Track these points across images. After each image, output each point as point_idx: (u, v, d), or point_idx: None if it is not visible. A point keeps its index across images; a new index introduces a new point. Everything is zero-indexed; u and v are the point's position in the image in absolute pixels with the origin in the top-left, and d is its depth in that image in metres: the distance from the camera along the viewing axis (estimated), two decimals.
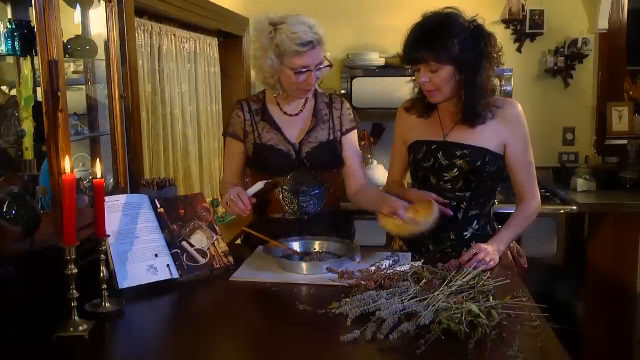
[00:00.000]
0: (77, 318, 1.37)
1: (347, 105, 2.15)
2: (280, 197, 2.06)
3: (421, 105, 1.95)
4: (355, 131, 2.15)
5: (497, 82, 1.90)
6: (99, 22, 2.09)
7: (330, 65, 2.01)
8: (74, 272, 1.36)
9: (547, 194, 3.29)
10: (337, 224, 2.14)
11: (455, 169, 1.87)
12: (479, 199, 1.92)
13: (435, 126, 1.94)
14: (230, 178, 2.11)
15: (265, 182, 1.96)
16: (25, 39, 1.79)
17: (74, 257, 1.36)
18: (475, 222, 1.92)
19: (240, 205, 1.85)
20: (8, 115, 1.80)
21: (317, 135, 2.06)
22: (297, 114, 2.08)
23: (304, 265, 1.74)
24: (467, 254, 1.71)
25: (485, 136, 1.86)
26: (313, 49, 1.90)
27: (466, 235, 1.88)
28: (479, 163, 1.85)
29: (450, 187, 1.90)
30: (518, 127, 1.88)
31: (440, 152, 1.89)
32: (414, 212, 1.79)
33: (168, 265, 1.67)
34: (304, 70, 1.91)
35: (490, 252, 1.73)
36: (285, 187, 2.05)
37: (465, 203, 1.91)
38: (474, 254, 1.70)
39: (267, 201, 2.06)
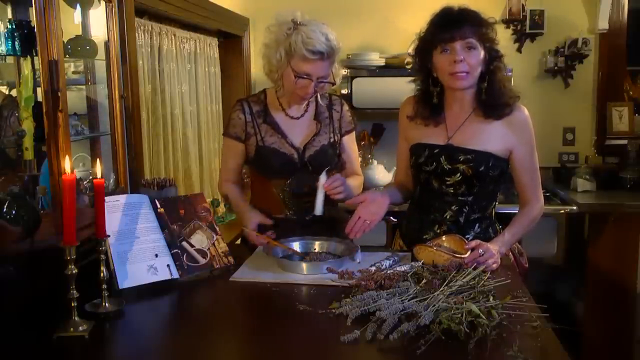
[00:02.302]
0: (77, 318, 1.36)
1: (346, 106, 2.17)
2: (282, 198, 2.06)
3: (426, 109, 1.91)
4: (354, 133, 2.18)
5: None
6: (99, 22, 2.09)
7: (333, 83, 2.02)
8: (74, 272, 1.36)
9: (547, 194, 3.28)
10: (337, 224, 2.14)
11: (458, 174, 1.85)
12: (481, 202, 1.91)
13: (439, 128, 1.91)
14: (229, 175, 2.12)
15: (327, 169, 1.97)
16: (25, 39, 1.79)
17: (74, 257, 1.36)
18: (477, 225, 1.91)
19: (261, 241, 1.93)
20: (4, 115, 1.80)
21: (319, 138, 2.08)
22: (299, 117, 2.09)
23: (304, 265, 1.74)
24: (472, 255, 1.69)
25: (491, 140, 1.85)
26: (321, 60, 1.90)
27: (468, 238, 1.87)
28: (482, 168, 1.84)
29: (452, 191, 1.88)
30: (525, 132, 1.86)
31: (443, 157, 1.87)
32: (449, 243, 1.79)
33: (168, 265, 1.67)
34: (305, 77, 1.92)
35: (494, 254, 1.72)
36: (286, 189, 2.05)
37: (467, 207, 1.89)
38: (479, 255, 1.70)
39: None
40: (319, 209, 1.94)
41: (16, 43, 1.80)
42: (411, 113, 1.95)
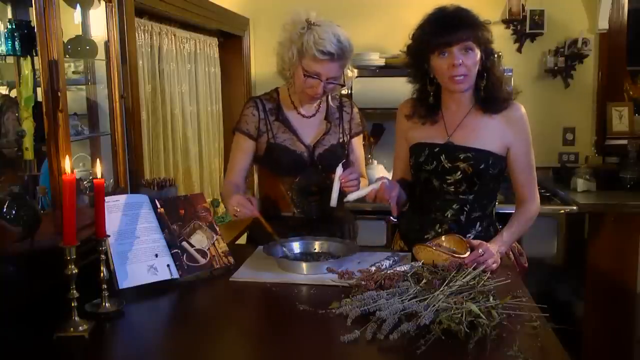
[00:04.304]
0: (77, 318, 1.36)
1: (356, 109, 2.20)
2: (290, 196, 2.07)
3: (423, 109, 1.92)
4: (362, 135, 2.21)
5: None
6: (99, 22, 2.10)
7: (342, 85, 2.04)
8: (74, 272, 1.36)
9: (547, 194, 3.29)
10: (343, 223, 2.17)
11: (459, 172, 1.86)
12: (482, 200, 1.91)
13: (438, 127, 1.92)
14: (234, 176, 2.10)
15: (343, 162, 1.95)
16: (25, 39, 1.79)
17: (74, 257, 1.35)
18: (478, 223, 1.92)
19: (248, 208, 1.87)
20: (2, 114, 1.80)
21: (329, 138, 2.09)
22: (311, 116, 2.10)
23: (304, 265, 1.74)
24: (472, 255, 1.69)
25: (489, 138, 1.86)
26: (330, 61, 1.91)
27: (469, 237, 1.87)
28: (482, 166, 1.85)
29: (453, 189, 1.89)
30: (522, 129, 1.88)
31: (443, 155, 1.87)
32: (449, 243, 1.79)
33: (168, 265, 1.67)
34: (314, 77, 1.93)
35: (494, 254, 1.72)
36: (295, 187, 2.06)
37: (468, 205, 1.90)
38: (480, 255, 1.69)
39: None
40: (334, 200, 1.92)
41: (16, 43, 1.80)
42: (409, 112, 1.96)
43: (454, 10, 1.81)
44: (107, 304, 1.47)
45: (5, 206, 1.44)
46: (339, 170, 1.92)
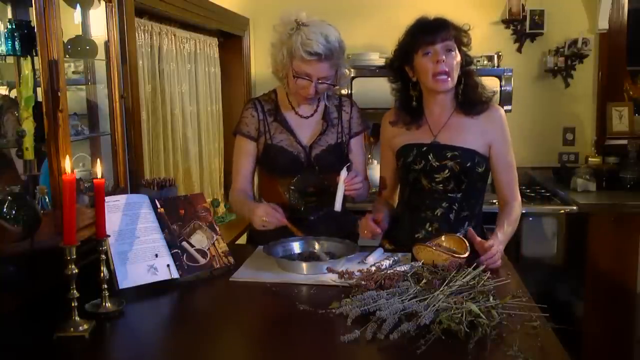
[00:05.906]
0: (77, 318, 1.37)
1: (356, 108, 2.18)
2: (288, 197, 2.06)
3: (407, 116, 1.97)
4: (363, 135, 2.19)
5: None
6: (99, 22, 2.09)
7: (333, 85, 2.02)
8: (74, 272, 1.36)
9: (547, 194, 3.29)
10: (342, 223, 2.15)
11: (446, 170, 1.90)
12: (469, 200, 1.95)
13: (423, 129, 1.97)
14: (240, 183, 2.09)
15: (347, 165, 1.94)
16: (25, 39, 1.79)
17: (74, 257, 1.36)
18: (467, 223, 1.95)
19: (276, 217, 1.88)
20: (2, 114, 1.80)
21: (327, 138, 2.08)
22: (309, 116, 2.10)
23: (304, 265, 1.74)
24: (487, 254, 1.70)
25: (472, 137, 1.91)
26: (319, 62, 1.90)
27: (459, 236, 1.88)
28: (469, 164, 1.89)
29: (441, 188, 1.92)
30: (502, 128, 1.94)
31: (431, 154, 1.92)
32: (448, 243, 1.80)
33: (168, 265, 1.67)
34: (304, 77, 1.92)
35: (497, 252, 1.74)
36: (292, 188, 2.06)
37: (456, 204, 1.93)
38: (493, 254, 1.70)
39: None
40: (338, 205, 1.89)
41: (16, 43, 1.79)
42: (393, 119, 2.02)
43: (435, 17, 1.90)
44: (107, 304, 1.47)
45: (5, 206, 1.43)
46: (344, 173, 1.90)
